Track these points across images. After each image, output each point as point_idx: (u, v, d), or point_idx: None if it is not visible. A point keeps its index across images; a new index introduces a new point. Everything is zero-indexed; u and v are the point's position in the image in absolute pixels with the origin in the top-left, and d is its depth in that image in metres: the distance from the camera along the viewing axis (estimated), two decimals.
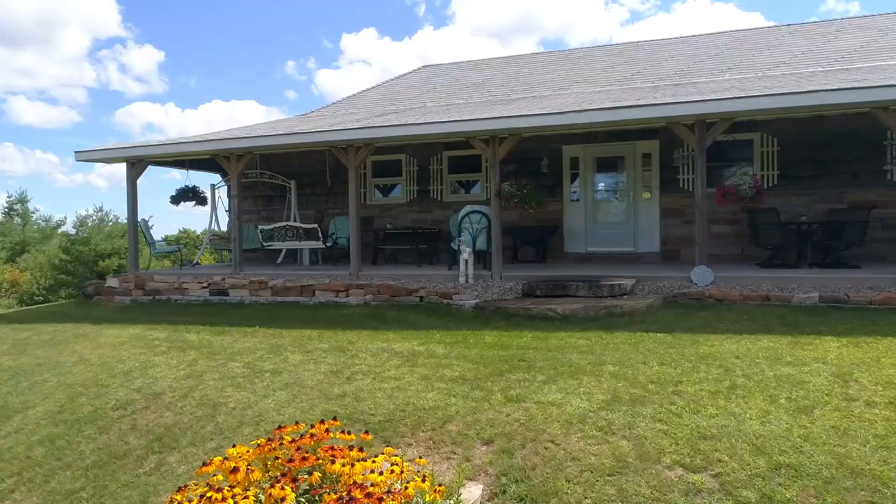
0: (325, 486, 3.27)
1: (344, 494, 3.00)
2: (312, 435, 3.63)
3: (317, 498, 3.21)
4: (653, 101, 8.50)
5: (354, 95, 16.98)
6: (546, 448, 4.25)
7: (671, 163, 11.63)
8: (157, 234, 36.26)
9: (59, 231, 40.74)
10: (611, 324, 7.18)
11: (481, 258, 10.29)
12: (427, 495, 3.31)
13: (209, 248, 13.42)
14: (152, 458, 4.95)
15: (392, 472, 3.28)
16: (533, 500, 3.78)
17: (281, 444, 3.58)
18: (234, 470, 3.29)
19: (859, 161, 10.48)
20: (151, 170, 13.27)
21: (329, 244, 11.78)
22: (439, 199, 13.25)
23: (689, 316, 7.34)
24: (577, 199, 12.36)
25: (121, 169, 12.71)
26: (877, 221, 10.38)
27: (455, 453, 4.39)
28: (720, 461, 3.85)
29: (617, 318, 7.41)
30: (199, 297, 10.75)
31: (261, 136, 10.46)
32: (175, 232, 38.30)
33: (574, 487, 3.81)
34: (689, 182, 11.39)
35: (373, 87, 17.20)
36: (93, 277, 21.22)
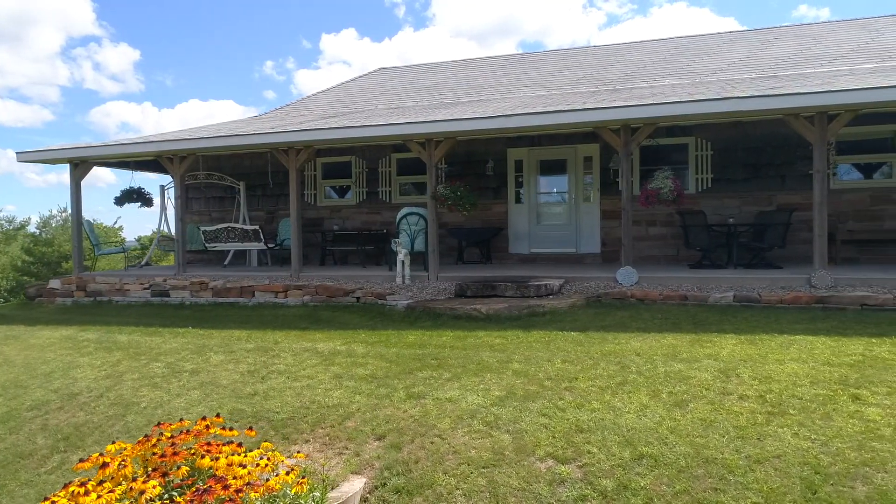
0: (195, 480, 3.40)
1: (201, 486, 3.14)
2: (188, 430, 3.76)
3: (185, 491, 3.33)
4: (581, 107, 8.73)
5: (308, 97, 17.05)
6: (432, 443, 4.41)
7: (616, 165, 11.89)
8: (130, 234, 35.83)
9: (23, 232, 40.01)
10: (531, 323, 7.38)
11: (421, 259, 10.44)
12: (292, 488, 3.45)
13: (158, 249, 13.38)
14: (56, 457, 5.02)
15: (257, 465, 3.42)
16: (408, 492, 3.94)
17: (159, 440, 3.70)
18: (104, 465, 3.39)
19: (787, 165, 10.84)
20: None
21: (272, 245, 11.85)
22: (388, 200, 13.38)
23: (607, 315, 7.57)
24: (522, 201, 12.58)
25: (97, 168, 12.66)
26: (803, 223, 10.74)
27: (348, 448, 4.53)
28: (589, 453, 4.05)
29: (538, 317, 7.61)
30: (141, 298, 10.74)
31: (202, 137, 10.50)
32: (149, 233, 37.83)
33: (449, 479, 3.98)
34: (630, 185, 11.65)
35: (327, 90, 17.27)
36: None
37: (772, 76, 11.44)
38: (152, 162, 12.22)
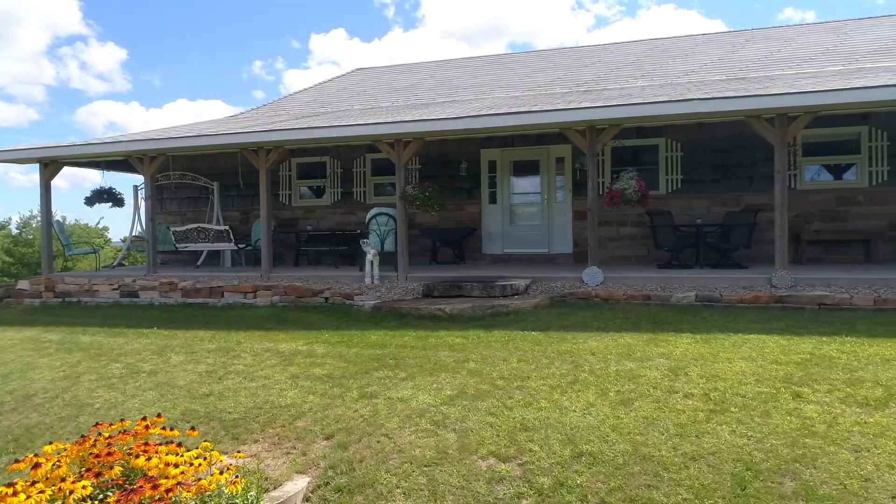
0: (128, 480, 3.40)
1: (128, 486, 3.14)
2: (127, 431, 3.76)
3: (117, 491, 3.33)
4: (546, 108, 8.78)
5: (285, 98, 17.02)
6: (378, 442, 4.43)
7: (582, 167, 11.97)
8: (117, 235, 35.48)
9: (4, 232, 39.56)
10: (493, 323, 7.42)
11: (393, 259, 10.46)
12: (226, 487, 3.46)
13: (133, 249, 13.30)
14: (4, 458, 4.97)
15: (191, 465, 3.43)
16: (349, 491, 3.96)
17: (97, 440, 3.70)
18: (36, 466, 3.39)
19: (754, 166, 10.97)
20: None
21: (243, 245, 11.81)
22: (363, 201, 13.39)
23: (570, 315, 7.62)
24: (495, 202, 12.63)
25: (84, 169, 12.58)
26: (770, 224, 10.84)
27: (295, 448, 4.54)
28: (531, 451, 4.08)
29: (501, 317, 7.65)
30: (110, 299, 10.68)
31: (170, 137, 10.46)
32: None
33: (390, 478, 4.00)
34: (599, 185, 11.73)
35: (304, 90, 17.25)
36: None
37: (741, 78, 11.57)
38: (123, 162, 12.14)
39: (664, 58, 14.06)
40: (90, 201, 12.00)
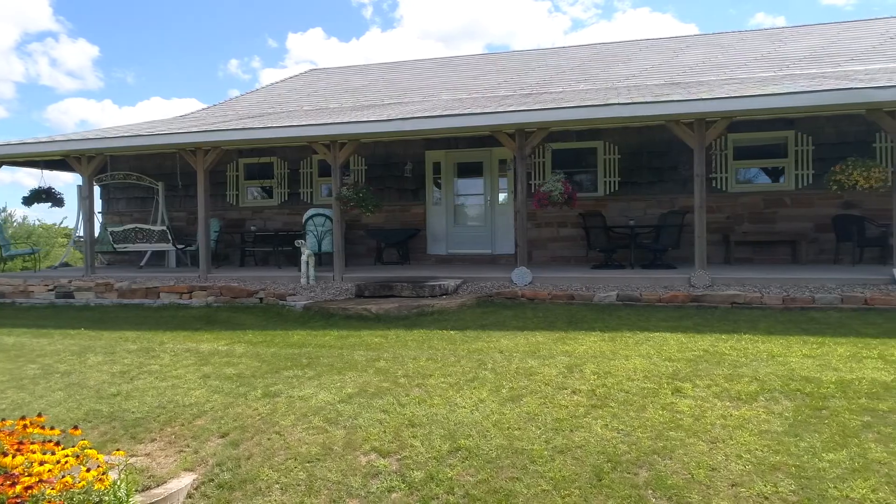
0: None
1: None
2: (3, 430, 3.79)
3: None
4: (478, 111, 8.94)
5: (237, 98, 16.96)
6: (269, 439, 4.52)
7: (508, 169, 12.16)
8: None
9: None
10: (416, 322, 7.54)
11: (332, 260, 10.52)
12: (95, 485, 3.53)
13: (75, 249, 13.16)
14: None
15: (59, 463, 3.48)
16: (230, 487, 4.04)
17: None
18: None
19: (688, 169, 11.22)
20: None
21: (181, 246, 11.78)
22: (310, 201, 13.41)
23: (492, 314, 7.78)
24: (440, 203, 12.76)
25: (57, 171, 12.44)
26: None
27: (189, 446, 4.60)
28: (412, 446, 4.21)
29: (426, 316, 7.78)
30: (45, 300, 10.58)
31: (107, 137, 10.40)
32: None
33: (272, 474, 4.09)
34: (530, 187, 11.94)
35: (256, 90, 17.21)
36: None
37: (677, 83, 11.85)
38: (62, 162, 12.02)
39: (608, 62, 14.33)
40: (28, 201, 11.86)
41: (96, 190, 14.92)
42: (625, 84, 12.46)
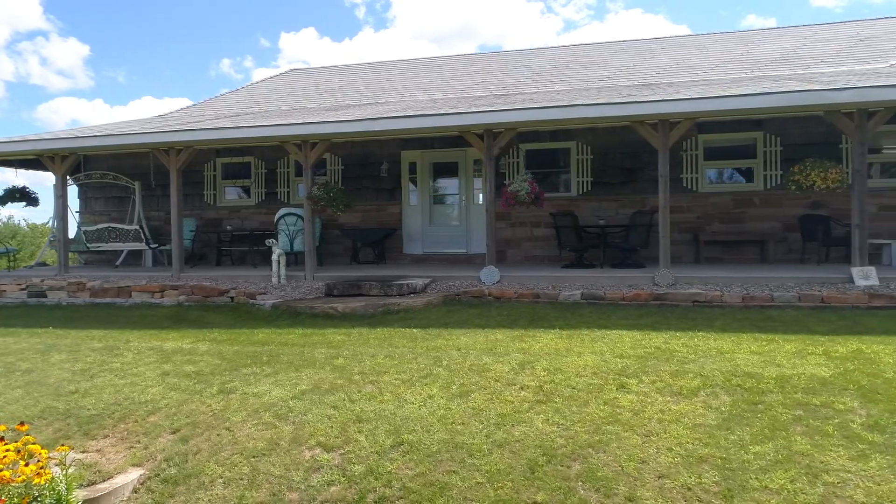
0: None
1: None
2: None
3: None
4: (446, 112, 9.02)
5: (217, 97, 16.97)
6: (219, 435, 4.58)
7: (499, 168, 12.25)
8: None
9: None
10: (381, 321, 7.61)
11: (304, 259, 10.56)
12: (35, 479, 3.58)
13: (51, 248, 13.14)
14: None
15: None
16: (175, 482, 4.10)
17: None
18: None
19: (656, 169, 11.36)
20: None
21: (154, 245, 11.80)
22: (287, 201, 13.44)
23: (457, 312, 7.86)
24: (416, 203, 12.83)
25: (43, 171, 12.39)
26: (673, 225, 11.27)
27: (140, 442, 4.66)
28: (356, 441, 4.28)
29: (391, 315, 7.85)
30: (17, 299, 10.57)
31: (79, 137, 10.42)
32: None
33: (217, 468, 4.16)
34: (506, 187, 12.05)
35: (236, 90, 17.23)
36: None
37: (649, 84, 11.98)
38: (36, 161, 12.01)
39: (584, 64, 14.45)
40: (2, 201, 11.84)
41: (74, 189, 14.94)
42: (599, 85, 12.58)
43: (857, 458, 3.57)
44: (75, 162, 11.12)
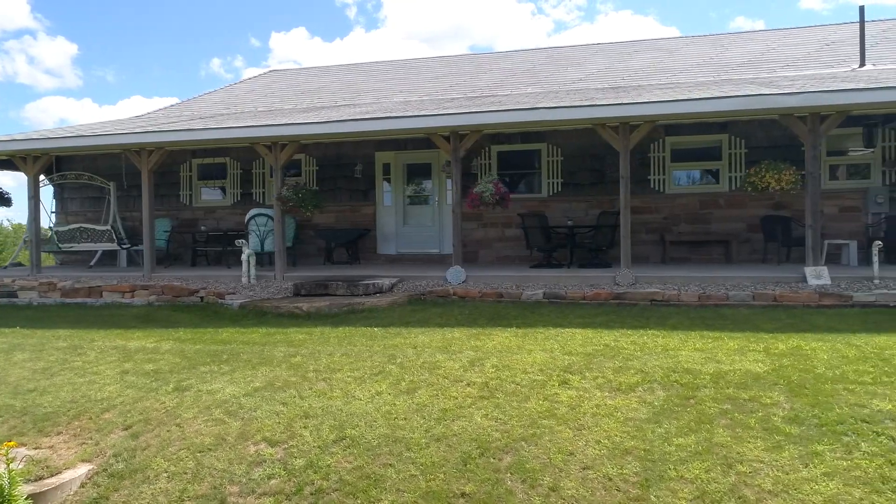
0: None
1: None
2: None
3: None
4: (412, 114, 9.16)
5: (196, 98, 17.02)
6: (169, 431, 4.69)
7: (470, 170, 12.40)
8: None
9: None
10: (345, 320, 7.72)
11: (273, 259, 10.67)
12: None
13: (24, 249, 13.16)
14: None
15: None
16: (121, 476, 4.21)
17: None
18: None
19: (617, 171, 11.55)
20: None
21: (126, 245, 11.84)
22: (262, 201, 13.52)
23: (420, 312, 7.99)
24: (389, 203, 12.95)
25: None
26: (641, 225, 11.51)
27: (91, 439, 4.76)
28: (301, 436, 4.40)
29: (355, 314, 7.97)
30: None
31: (51, 138, 10.47)
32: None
33: (163, 463, 4.27)
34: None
35: (215, 91, 17.27)
36: None
37: (618, 87, 12.16)
38: (8, 161, 12.03)
39: (558, 66, 14.63)
40: None
41: (50, 190, 14.96)
42: (570, 88, 12.75)
43: (771, 450, 3.73)
44: (48, 163, 11.16)
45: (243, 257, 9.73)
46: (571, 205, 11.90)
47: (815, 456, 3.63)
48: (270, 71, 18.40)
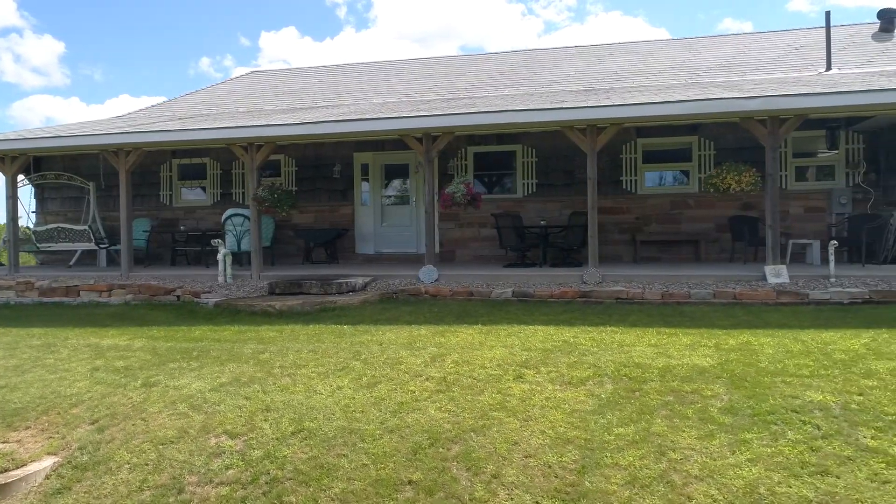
0: None
1: None
2: None
3: None
4: (386, 116, 9.32)
5: (178, 98, 17.08)
6: (134, 425, 4.83)
7: (447, 170, 12.58)
8: None
9: None
10: (316, 318, 7.88)
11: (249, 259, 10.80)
12: None
13: (2, 248, 13.20)
14: None
15: None
16: (84, 468, 4.36)
17: None
18: None
19: (601, 172, 11.76)
20: None
21: (104, 245, 11.93)
22: (241, 201, 13.63)
23: (391, 310, 8.16)
24: (368, 204, 13.12)
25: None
26: (613, 226, 11.75)
27: (59, 433, 4.89)
28: (260, 429, 4.56)
29: (327, 312, 8.13)
30: None
31: (28, 138, 10.55)
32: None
33: (126, 455, 4.41)
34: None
35: (197, 91, 17.35)
36: None
37: (591, 89, 12.39)
38: None
39: (535, 69, 14.84)
40: None
41: (29, 189, 14.99)
42: (545, 90, 12.96)
43: (703, 438, 3.94)
44: (26, 163, 11.23)
45: (219, 257, 9.86)
46: (546, 205, 12.11)
47: (742, 443, 3.84)
48: (252, 72, 18.51)
